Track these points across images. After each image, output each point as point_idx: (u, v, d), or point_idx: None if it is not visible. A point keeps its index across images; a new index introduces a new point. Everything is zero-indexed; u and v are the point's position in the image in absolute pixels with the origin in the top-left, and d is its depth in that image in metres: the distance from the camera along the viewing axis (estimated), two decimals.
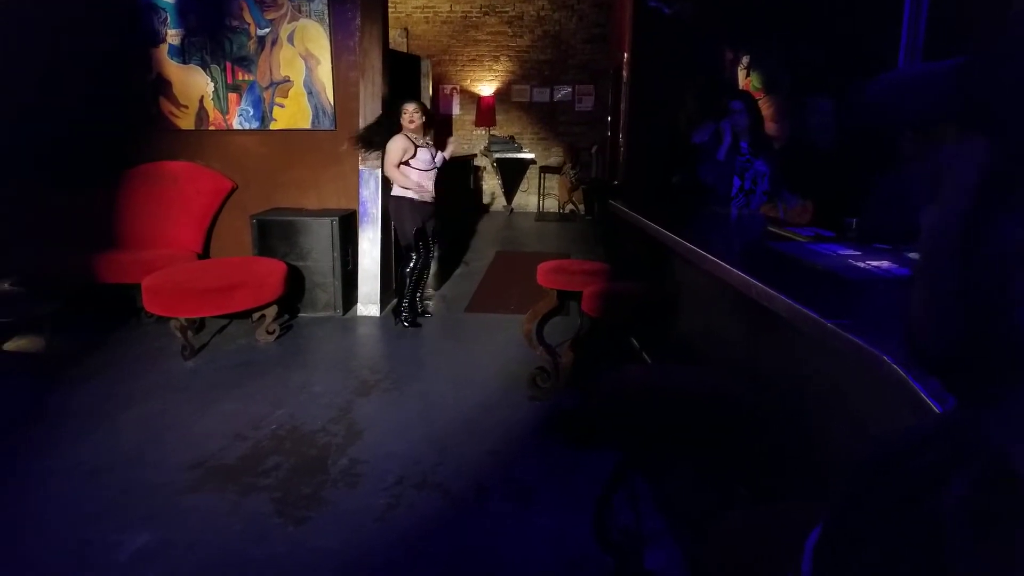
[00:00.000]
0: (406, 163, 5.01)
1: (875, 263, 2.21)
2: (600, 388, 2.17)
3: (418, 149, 5.04)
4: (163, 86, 5.80)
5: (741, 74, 5.46)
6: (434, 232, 5.34)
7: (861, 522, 0.54)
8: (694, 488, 2.70)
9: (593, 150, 11.03)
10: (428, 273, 5.47)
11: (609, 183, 8.53)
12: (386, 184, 5.38)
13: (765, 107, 4.90)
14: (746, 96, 4.24)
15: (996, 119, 0.51)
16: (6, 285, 4.34)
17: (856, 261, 2.26)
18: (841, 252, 2.41)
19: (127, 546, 2.51)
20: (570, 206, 11.36)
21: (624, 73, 6.29)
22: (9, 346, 4.55)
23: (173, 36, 5.73)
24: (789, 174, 3.80)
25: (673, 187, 4.91)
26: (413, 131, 5.03)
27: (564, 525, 2.70)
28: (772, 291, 1.88)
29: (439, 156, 5.22)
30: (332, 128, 5.72)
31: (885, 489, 0.53)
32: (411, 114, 4.98)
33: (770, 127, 4.74)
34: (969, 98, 0.55)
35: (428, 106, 5.40)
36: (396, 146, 4.98)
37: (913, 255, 2.31)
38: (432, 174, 5.17)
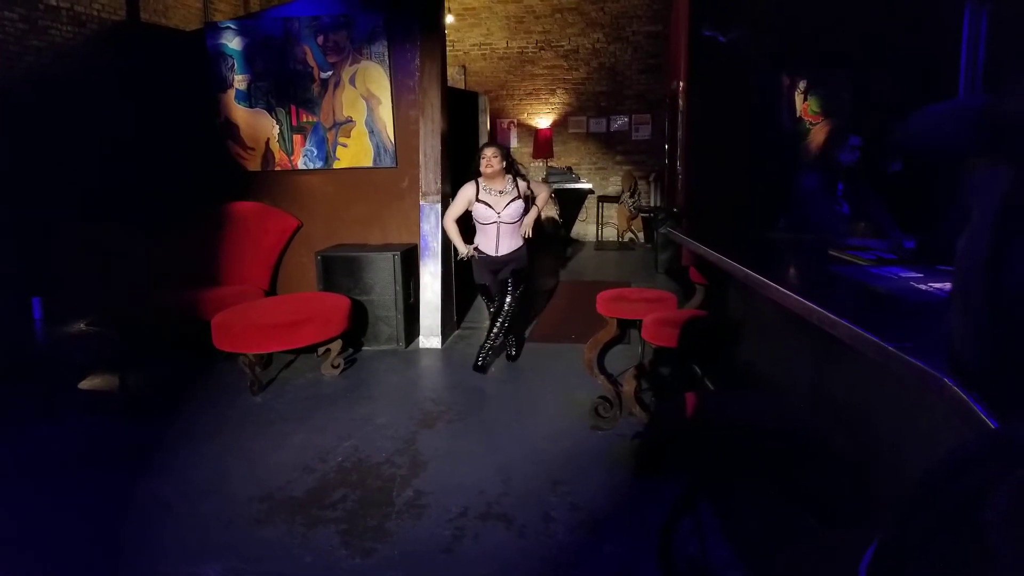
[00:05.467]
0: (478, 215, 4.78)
1: (937, 285, 2.15)
2: (664, 416, 2.15)
3: (478, 203, 4.71)
4: (231, 130, 6.06)
5: (798, 99, 5.41)
6: (508, 280, 4.86)
7: (911, 540, 0.54)
8: (761, 516, 2.63)
9: (651, 178, 11.01)
10: (501, 321, 4.91)
11: (668, 211, 8.49)
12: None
13: (822, 131, 4.83)
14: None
15: (1018, 151, 0.52)
16: (81, 325, 4.56)
17: (918, 283, 2.20)
18: (903, 275, 2.36)
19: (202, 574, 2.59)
20: (629, 235, 11.33)
21: (680, 101, 6.30)
22: (84, 384, 4.76)
23: (240, 81, 6.00)
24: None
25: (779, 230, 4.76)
26: (489, 177, 4.65)
27: (631, 554, 2.66)
28: (833, 316, 1.85)
29: (512, 207, 4.70)
30: (393, 165, 5.87)
31: (933, 507, 0.53)
32: (488, 159, 4.60)
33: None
34: (995, 132, 0.56)
35: (505, 149, 4.76)
36: (460, 196, 4.79)
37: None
38: (492, 229, 4.74)
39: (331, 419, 4.14)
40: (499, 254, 4.78)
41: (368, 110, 5.86)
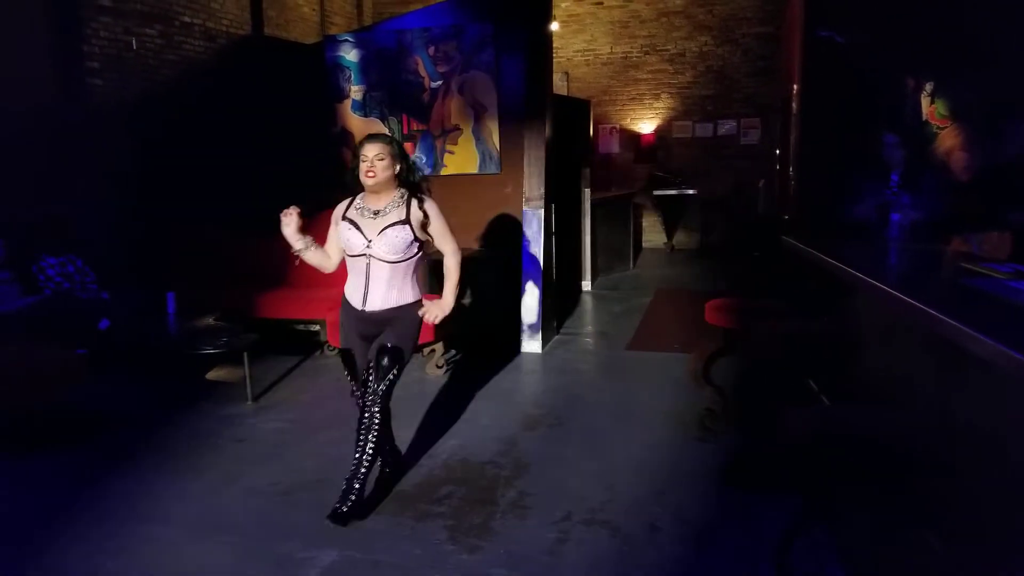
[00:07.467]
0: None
1: None
2: (779, 430, 2.10)
3: (344, 222, 3.12)
4: (346, 138, 6.31)
5: (925, 102, 5.13)
6: (369, 363, 3.07)
7: None
8: (881, 537, 2.52)
9: (760, 184, 10.69)
10: (363, 440, 3.03)
11: (779, 218, 8.24)
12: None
13: (952, 136, 4.57)
14: (904, 132, 4.04)
15: None
16: (210, 320, 4.86)
17: None
18: None
19: (318, 562, 2.72)
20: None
21: (794, 105, 6.11)
22: (211, 375, 5.08)
23: (356, 92, 6.25)
24: (985, 206, 3.53)
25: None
26: (372, 189, 3.04)
27: (741, 571, 2.61)
28: (968, 330, 1.76)
29: (390, 234, 3.00)
30: (498, 172, 5.96)
31: None
32: (371, 162, 2.98)
33: (959, 156, 4.42)
34: None
35: (398, 145, 3.14)
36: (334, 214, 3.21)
37: None
38: (360, 266, 3.07)
39: (436, 418, 4.24)
40: (367, 308, 3.08)
41: (475, 118, 5.98)
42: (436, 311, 3.19)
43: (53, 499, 3.30)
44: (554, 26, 10.58)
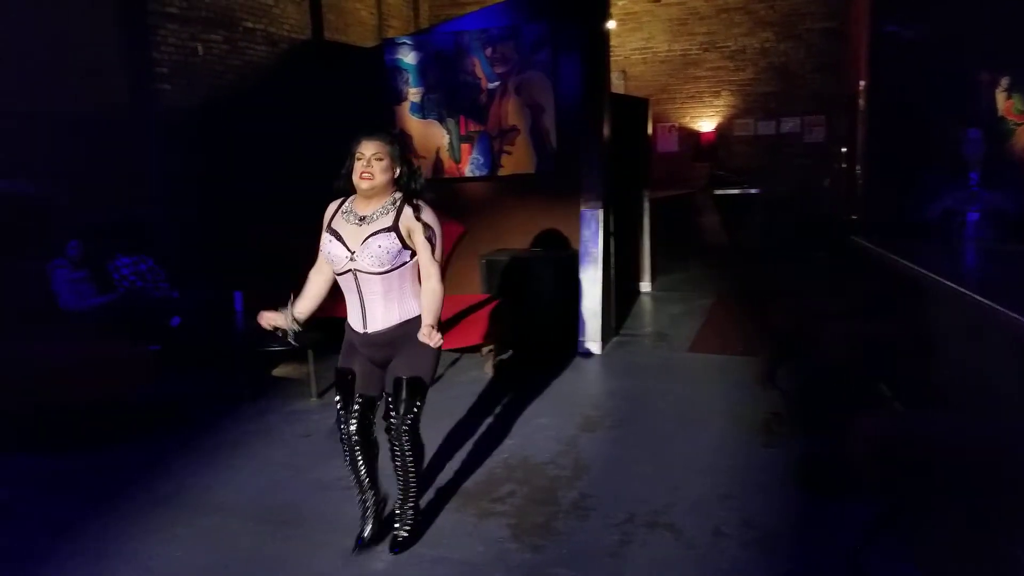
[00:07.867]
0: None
1: None
2: (853, 435, 2.04)
3: (327, 233, 2.83)
4: (405, 140, 6.37)
5: (1000, 96, 4.93)
6: (390, 403, 2.83)
7: None
8: (959, 546, 2.43)
9: (826, 183, 10.42)
10: (403, 481, 2.87)
11: (846, 217, 8.02)
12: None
13: None
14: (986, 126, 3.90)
15: None
16: None
17: None
18: None
19: (383, 556, 2.77)
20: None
21: (860, 101, 5.94)
22: (277, 372, 5.21)
23: (414, 94, 6.30)
24: None
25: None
26: (365, 194, 2.72)
27: None
28: None
29: (374, 243, 2.67)
30: (555, 172, 5.94)
31: None
32: (368, 161, 2.68)
33: None
34: None
35: (399, 147, 2.82)
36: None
37: None
38: (349, 283, 2.80)
39: (494, 417, 4.26)
40: (369, 330, 2.79)
41: (532, 118, 5.97)
42: (435, 338, 2.65)
43: (125, 488, 3.43)
44: (611, 24, 10.53)
